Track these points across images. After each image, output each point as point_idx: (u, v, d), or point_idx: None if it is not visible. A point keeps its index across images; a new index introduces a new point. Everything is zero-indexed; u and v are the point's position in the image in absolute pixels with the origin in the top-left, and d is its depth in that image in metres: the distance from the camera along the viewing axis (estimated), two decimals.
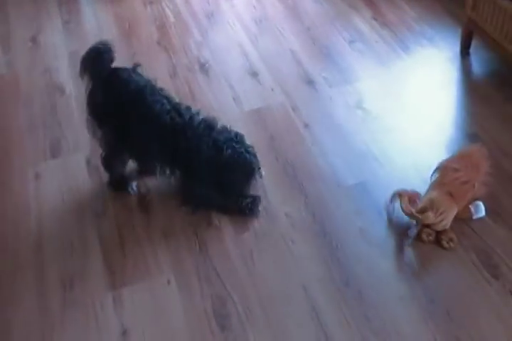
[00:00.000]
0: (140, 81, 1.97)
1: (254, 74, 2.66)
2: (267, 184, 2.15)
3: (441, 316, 1.72)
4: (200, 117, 2.01)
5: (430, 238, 1.89)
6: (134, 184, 2.14)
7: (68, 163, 2.25)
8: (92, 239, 1.98)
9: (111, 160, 2.09)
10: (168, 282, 1.85)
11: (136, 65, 2.03)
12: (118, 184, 2.13)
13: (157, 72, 2.66)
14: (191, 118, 1.97)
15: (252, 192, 2.09)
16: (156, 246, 1.96)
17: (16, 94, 2.57)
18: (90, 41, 2.80)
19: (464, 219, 1.94)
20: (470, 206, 1.94)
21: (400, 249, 1.92)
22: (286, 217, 2.04)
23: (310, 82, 2.61)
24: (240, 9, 3.10)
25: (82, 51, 2.72)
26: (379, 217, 2.02)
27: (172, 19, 3.04)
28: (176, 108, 1.97)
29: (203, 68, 2.71)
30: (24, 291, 1.84)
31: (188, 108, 2.01)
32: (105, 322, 1.75)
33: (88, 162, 2.25)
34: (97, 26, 2.98)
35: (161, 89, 2.02)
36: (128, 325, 1.74)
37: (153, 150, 1.98)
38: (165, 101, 1.97)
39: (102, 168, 2.18)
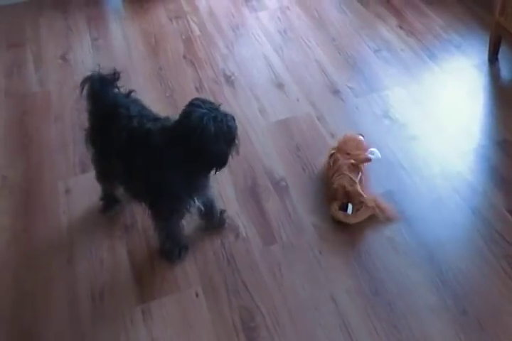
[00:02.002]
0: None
1: (280, 85, 2.67)
2: (294, 194, 2.15)
3: (473, 327, 1.69)
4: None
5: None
6: (117, 208, 2.13)
7: None
8: (121, 252, 2.00)
9: (99, 173, 2.05)
10: (197, 295, 1.86)
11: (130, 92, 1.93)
12: (105, 203, 2.13)
13: (183, 85, 2.70)
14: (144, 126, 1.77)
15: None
16: (183, 259, 1.96)
17: (47, 111, 2.63)
18: (118, 57, 2.91)
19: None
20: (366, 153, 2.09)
21: (428, 258, 1.89)
22: (314, 227, 2.03)
23: (336, 92, 2.61)
24: (265, 21, 3.12)
25: (110, 67, 2.83)
26: (407, 225, 1.99)
27: (197, 33, 3.07)
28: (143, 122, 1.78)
29: (229, 80, 2.73)
30: (56, 303, 1.87)
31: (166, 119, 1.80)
32: (135, 335, 1.76)
33: None
34: (124, 42, 3.03)
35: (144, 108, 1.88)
36: (157, 338, 1.75)
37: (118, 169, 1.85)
38: (134, 118, 1.79)
39: None
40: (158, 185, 1.74)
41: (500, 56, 2.63)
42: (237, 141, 1.75)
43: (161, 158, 1.69)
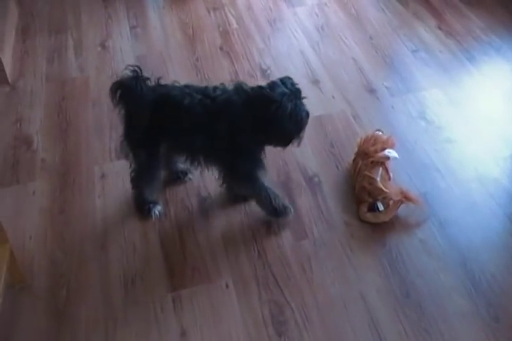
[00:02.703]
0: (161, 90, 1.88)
1: (316, 82, 2.67)
2: (327, 191, 2.16)
3: (505, 335, 1.68)
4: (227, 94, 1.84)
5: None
6: (158, 208, 2.11)
7: None
8: (153, 240, 2.02)
9: (141, 178, 2.05)
10: (227, 286, 1.87)
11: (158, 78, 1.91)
12: (141, 207, 2.11)
13: (219, 77, 2.71)
14: (221, 95, 1.82)
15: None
16: (215, 249, 1.99)
17: (85, 96, 2.66)
18: (155, 46, 2.93)
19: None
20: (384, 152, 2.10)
21: (461, 262, 1.89)
22: (346, 225, 2.04)
23: (372, 91, 2.60)
24: (302, 17, 3.12)
25: (148, 55, 2.86)
26: (440, 228, 1.99)
27: (235, 25, 3.08)
28: (205, 93, 1.84)
29: (265, 74, 2.73)
30: (89, 287, 1.90)
31: (215, 88, 1.86)
32: (165, 322, 1.79)
33: None
34: (162, 31, 3.05)
35: (186, 86, 1.90)
36: (187, 326, 1.77)
37: (198, 143, 1.88)
38: (193, 94, 1.83)
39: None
40: (240, 148, 1.84)
41: None
42: (302, 133, 1.86)
43: (244, 124, 1.79)
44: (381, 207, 2.00)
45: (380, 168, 2.09)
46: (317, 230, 2.03)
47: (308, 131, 2.38)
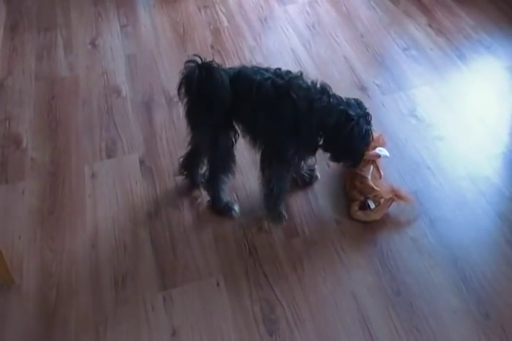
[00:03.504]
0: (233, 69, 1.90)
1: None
2: (318, 190, 2.16)
3: (495, 331, 1.69)
4: (308, 80, 1.88)
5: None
6: (236, 206, 2.09)
7: (123, 163, 2.30)
8: (144, 239, 2.02)
9: (218, 174, 2.02)
10: (218, 284, 1.87)
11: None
12: (221, 209, 2.09)
13: None
14: (295, 78, 1.85)
15: None
16: (205, 248, 1.98)
17: (76, 95, 2.64)
18: (146, 44, 2.92)
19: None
20: (375, 150, 2.10)
21: (452, 260, 1.89)
22: (337, 223, 2.04)
23: (363, 89, 2.60)
24: (293, 15, 3.11)
25: (139, 54, 2.85)
26: (431, 227, 1.99)
27: (226, 23, 3.07)
28: (277, 73, 1.85)
29: None
30: (79, 286, 1.89)
31: (289, 72, 1.88)
32: (156, 321, 1.78)
33: (142, 163, 2.29)
34: (152, 30, 3.04)
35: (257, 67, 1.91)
36: (178, 325, 1.77)
37: (261, 119, 1.86)
38: (263, 71, 1.86)
39: (155, 169, 2.24)
40: (299, 139, 1.85)
41: None
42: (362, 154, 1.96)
43: (308, 121, 1.82)
44: (372, 206, 2.00)
45: (371, 166, 2.09)
46: (308, 228, 2.02)
47: None
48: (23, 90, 2.68)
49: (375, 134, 2.18)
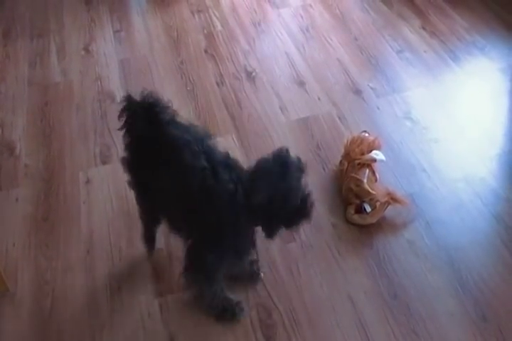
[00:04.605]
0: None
1: (301, 84, 2.67)
2: (314, 193, 2.13)
3: (492, 334, 1.69)
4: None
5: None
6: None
7: (118, 169, 2.26)
8: (139, 245, 2.00)
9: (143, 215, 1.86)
10: None
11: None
12: (146, 240, 1.93)
13: (204, 80, 2.70)
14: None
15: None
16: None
17: (69, 101, 2.63)
18: (140, 49, 2.91)
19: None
20: (371, 154, 2.09)
21: (449, 262, 1.88)
22: (333, 227, 2.03)
23: (357, 92, 2.60)
24: (287, 18, 3.11)
25: (132, 59, 2.84)
26: (427, 229, 1.99)
27: (219, 28, 3.06)
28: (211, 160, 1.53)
29: (250, 77, 2.72)
30: (75, 293, 1.88)
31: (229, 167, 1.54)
32: (153, 328, 1.77)
33: None
34: (146, 35, 3.03)
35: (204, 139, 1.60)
36: (174, 332, 1.76)
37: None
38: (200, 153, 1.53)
39: None
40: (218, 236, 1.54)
41: None
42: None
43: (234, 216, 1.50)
44: (368, 209, 1.99)
45: (367, 170, 2.08)
46: (304, 233, 2.01)
47: (294, 133, 2.40)
48: (16, 96, 2.68)
49: (371, 137, 2.19)
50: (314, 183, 2.17)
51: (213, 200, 1.49)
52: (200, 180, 1.49)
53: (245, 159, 2.28)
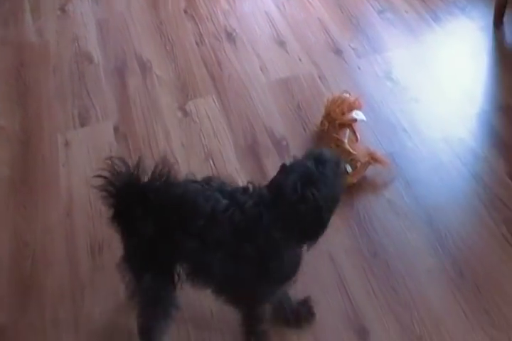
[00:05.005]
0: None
1: (282, 43, 2.63)
2: (294, 152, 2.14)
3: (469, 290, 1.72)
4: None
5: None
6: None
7: (96, 131, 2.26)
8: None
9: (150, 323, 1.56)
10: None
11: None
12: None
13: (184, 40, 2.66)
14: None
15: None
16: None
17: (45, 62, 2.57)
18: (117, 8, 2.83)
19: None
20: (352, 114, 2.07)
21: (428, 221, 1.90)
22: None
23: (338, 52, 2.57)
24: None
25: (110, 19, 2.76)
26: (407, 188, 2.00)
27: None
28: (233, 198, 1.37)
29: (230, 37, 2.67)
30: (55, 255, 1.88)
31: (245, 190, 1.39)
32: None
33: (116, 130, 2.25)
34: None
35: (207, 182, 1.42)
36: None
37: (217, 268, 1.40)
38: (217, 195, 1.37)
39: (129, 136, 2.21)
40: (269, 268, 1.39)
41: (505, 19, 2.58)
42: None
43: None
44: (349, 169, 1.99)
45: (348, 130, 2.08)
46: None
47: (275, 94, 2.38)
48: None
49: (351, 97, 2.17)
50: (295, 144, 2.17)
51: (251, 236, 1.34)
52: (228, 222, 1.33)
53: (226, 120, 2.28)
